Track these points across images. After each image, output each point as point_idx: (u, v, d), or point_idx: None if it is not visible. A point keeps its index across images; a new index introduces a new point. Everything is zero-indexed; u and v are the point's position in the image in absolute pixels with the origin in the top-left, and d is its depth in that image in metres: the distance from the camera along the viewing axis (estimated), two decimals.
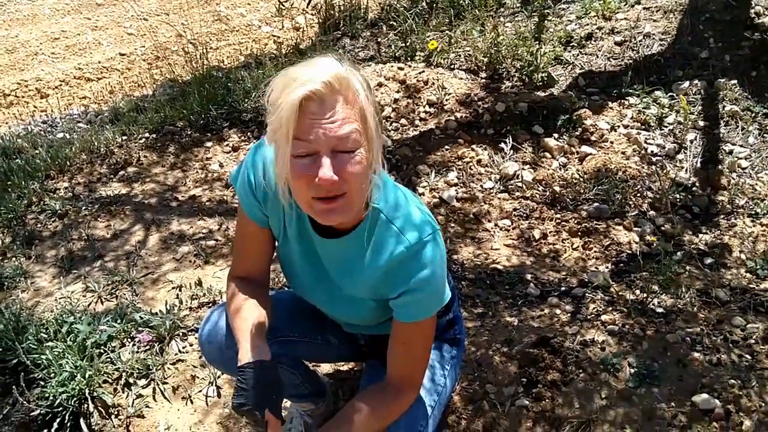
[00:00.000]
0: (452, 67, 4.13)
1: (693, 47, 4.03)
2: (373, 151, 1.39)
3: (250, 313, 1.61)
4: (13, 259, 2.95)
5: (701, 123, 3.56)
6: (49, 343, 2.39)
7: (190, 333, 2.53)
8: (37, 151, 3.74)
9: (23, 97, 5.53)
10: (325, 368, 2.37)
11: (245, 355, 1.53)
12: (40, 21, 6.52)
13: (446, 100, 3.79)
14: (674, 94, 3.72)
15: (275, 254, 1.73)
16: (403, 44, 4.37)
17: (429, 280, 1.50)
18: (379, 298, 1.59)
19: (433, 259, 1.49)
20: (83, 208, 3.24)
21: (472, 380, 2.29)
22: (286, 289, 2.39)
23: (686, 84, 3.77)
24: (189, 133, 3.79)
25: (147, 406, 2.29)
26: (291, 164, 1.34)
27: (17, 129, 4.38)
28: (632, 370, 2.29)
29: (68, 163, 3.56)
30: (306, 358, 2.01)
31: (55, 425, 2.21)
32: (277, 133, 1.34)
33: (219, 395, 2.32)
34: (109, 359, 2.40)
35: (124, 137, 3.79)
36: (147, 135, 3.80)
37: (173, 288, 2.76)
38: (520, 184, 3.29)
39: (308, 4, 4.73)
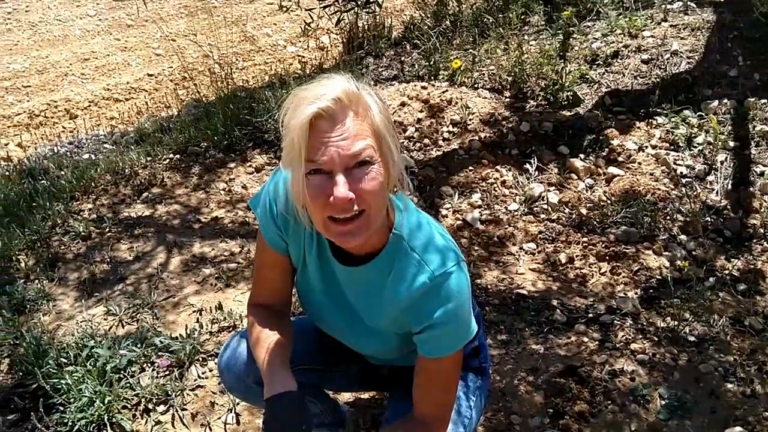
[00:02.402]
0: (476, 86, 4.10)
1: (721, 65, 3.96)
2: (390, 168, 1.35)
3: (272, 342, 1.58)
4: (36, 281, 2.96)
5: (731, 143, 3.48)
6: (69, 367, 2.38)
7: (210, 358, 2.51)
8: (62, 172, 3.77)
9: (52, 117, 5.60)
10: (345, 396, 2.33)
11: (271, 387, 1.49)
12: (71, 42, 6.62)
13: (470, 119, 3.76)
14: (703, 114, 3.64)
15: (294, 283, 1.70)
16: (427, 63, 4.35)
17: (454, 313, 1.44)
18: (402, 332, 1.54)
19: (458, 292, 1.44)
20: (107, 230, 3.24)
21: (496, 410, 2.23)
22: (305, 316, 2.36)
23: (715, 103, 3.69)
24: (213, 153, 3.79)
25: None
26: (305, 185, 1.31)
27: (44, 150, 4.43)
28: (663, 402, 2.22)
29: (93, 184, 3.58)
30: (327, 387, 1.97)
31: None
32: (290, 155, 1.31)
33: (238, 422, 2.29)
34: (128, 384, 2.38)
35: (149, 158, 3.81)
36: (171, 156, 3.81)
37: (194, 312, 2.74)
38: (545, 206, 3.23)
39: (337, 23, 4.73)
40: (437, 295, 1.44)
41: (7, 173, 3.94)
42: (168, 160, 3.78)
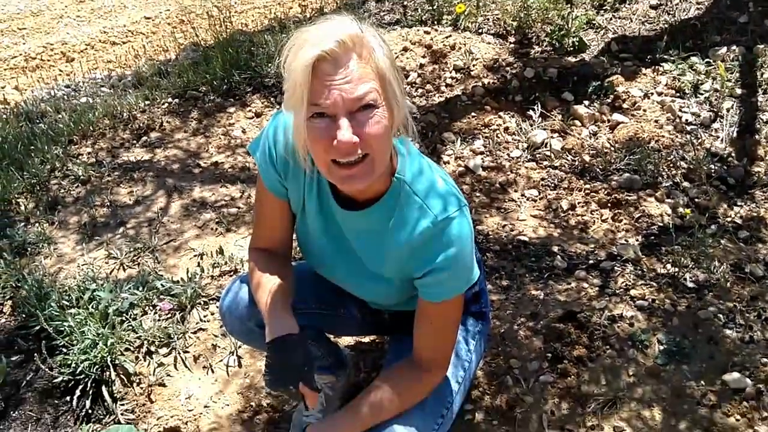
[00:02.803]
0: (480, 31, 4.02)
1: (731, 11, 3.87)
2: (395, 112, 1.33)
3: (274, 286, 1.58)
4: (36, 224, 2.95)
5: (738, 91, 3.42)
6: (71, 310, 2.40)
7: (211, 302, 2.51)
8: (60, 116, 3.73)
9: (49, 60, 5.52)
10: (346, 340, 2.34)
11: (273, 330, 1.50)
12: None
13: (473, 65, 3.69)
14: (711, 61, 3.58)
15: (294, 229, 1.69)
16: (430, 7, 4.26)
17: (456, 258, 1.44)
18: (404, 277, 1.54)
19: (460, 236, 1.43)
20: (106, 173, 3.22)
21: (496, 354, 2.24)
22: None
23: (723, 50, 3.62)
24: (212, 98, 3.74)
25: (168, 375, 2.29)
26: (308, 128, 1.29)
27: (41, 93, 4.37)
28: (661, 347, 2.23)
29: (91, 128, 3.54)
30: (328, 330, 1.98)
31: (77, 392, 2.23)
32: (293, 99, 1.28)
33: (240, 365, 2.31)
34: (130, 327, 2.39)
35: (147, 102, 3.76)
36: (170, 100, 3.76)
37: (195, 256, 2.74)
38: (548, 153, 3.20)
39: None
40: (439, 240, 1.43)
41: (4, 116, 3.89)
42: (167, 105, 3.73)
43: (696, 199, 2.94)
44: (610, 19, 4.03)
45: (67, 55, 5.53)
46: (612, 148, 3.19)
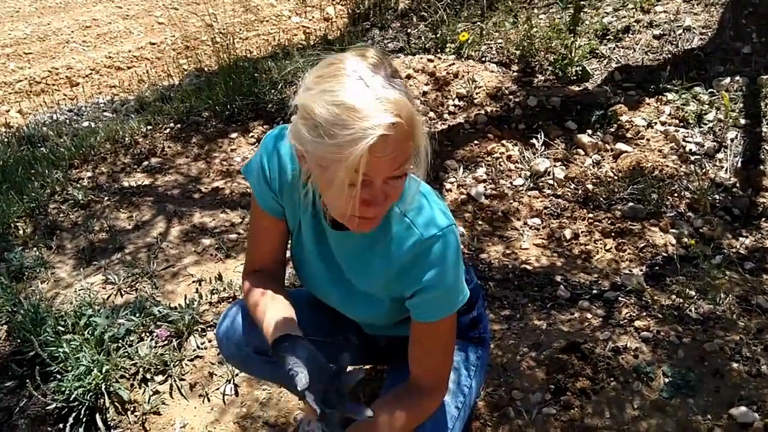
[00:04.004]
0: (483, 59, 4.03)
1: (735, 42, 3.88)
2: (419, 170, 1.33)
3: (274, 303, 1.57)
4: (35, 249, 2.92)
5: (742, 121, 3.41)
6: (66, 335, 2.36)
7: (209, 328, 2.48)
8: (61, 140, 3.73)
9: (53, 84, 5.55)
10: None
11: (280, 330, 1.47)
12: (72, 9, 6.55)
13: (476, 93, 3.69)
14: (714, 91, 3.57)
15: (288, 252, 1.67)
16: (434, 36, 4.27)
17: (444, 277, 1.43)
18: (394, 297, 1.52)
19: (447, 255, 1.42)
20: (106, 198, 3.20)
21: (497, 386, 2.20)
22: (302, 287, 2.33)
23: (727, 80, 3.62)
24: (214, 123, 3.74)
25: (163, 403, 2.25)
26: (341, 187, 1.25)
27: (43, 117, 4.38)
28: (667, 380, 2.18)
29: (92, 152, 3.54)
30: (326, 359, 1.94)
31: (71, 420, 2.17)
32: (335, 160, 1.23)
33: (237, 393, 2.26)
34: (126, 354, 2.36)
35: (149, 127, 3.76)
36: (172, 125, 3.76)
37: (193, 282, 2.71)
38: (551, 182, 3.18)
39: None
40: (426, 259, 1.42)
41: (6, 140, 3.89)
42: (168, 130, 3.73)
43: (701, 230, 2.91)
44: (614, 48, 4.03)
45: (71, 80, 5.56)
46: (615, 177, 3.17)
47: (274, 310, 1.55)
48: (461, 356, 1.77)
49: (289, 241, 1.65)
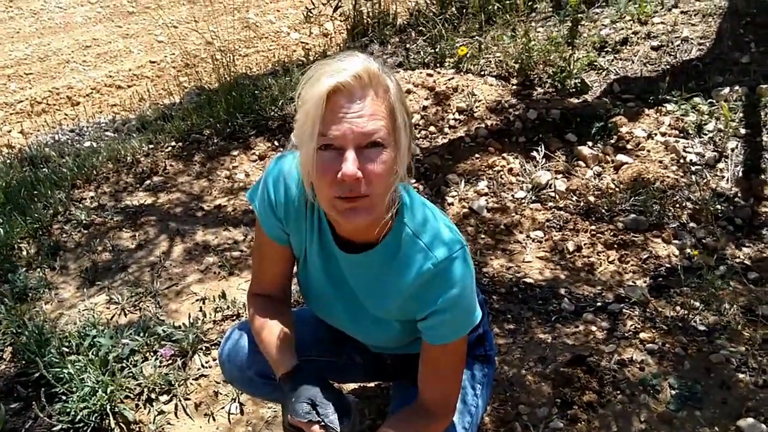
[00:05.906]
0: (482, 73, 4.04)
1: (733, 52, 3.89)
2: (400, 154, 1.32)
3: (277, 329, 1.57)
4: (38, 270, 2.92)
5: (742, 130, 3.42)
6: (71, 356, 2.36)
7: (213, 347, 2.48)
8: (63, 160, 3.74)
9: (54, 104, 5.57)
10: (350, 386, 2.30)
11: (284, 367, 1.50)
12: (73, 29, 6.58)
13: (476, 107, 3.70)
14: (714, 101, 3.58)
15: (294, 274, 1.67)
16: (432, 50, 4.29)
17: (458, 299, 1.43)
18: (405, 320, 1.51)
19: (461, 278, 1.42)
20: (108, 218, 3.21)
21: (503, 400, 2.19)
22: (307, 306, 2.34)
23: (726, 90, 3.63)
24: (215, 141, 3.75)
25: (168, 423, 2.24)
26: (315, 160, 1.27)
27: (45, 138, 4.39)
28: (673, 392, 2.18)
29: (95, 172, 3.54)
30: (331, 378, 1.93)
31: None
32: (303, 128, 1.28)
33: (242, 412, 2.26)
34: (131, 374, 2.35)
35: (151, 146, 3.77)
36: (173, 143, 3.77)
37: (197, 300, 2.71)
38: (552, 194, 3.18)
39: (335, 10, 4.67)
40: (441, 281, 1.42)
41: (8, 161, 3.90)
42: (170, 148, 3.74)
43: (703, 240, 2.91)
44: (612, 60, 4.05)
45: (72, 100, 5.58)
46: (617, 189, 3.17)
47: (275, 338, 1.55)
48: (467, 374, 1.76)
49: (296, 265, 1.64)
